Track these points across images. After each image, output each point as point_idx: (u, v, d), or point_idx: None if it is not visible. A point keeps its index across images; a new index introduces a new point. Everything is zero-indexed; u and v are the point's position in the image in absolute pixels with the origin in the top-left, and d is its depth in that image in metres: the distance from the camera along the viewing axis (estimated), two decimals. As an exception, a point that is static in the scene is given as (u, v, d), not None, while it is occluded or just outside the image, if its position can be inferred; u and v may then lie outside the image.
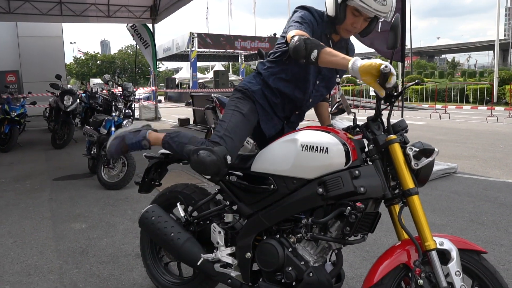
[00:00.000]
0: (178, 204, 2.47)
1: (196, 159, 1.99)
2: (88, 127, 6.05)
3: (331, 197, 1.81)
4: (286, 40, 2.04)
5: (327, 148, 1.83)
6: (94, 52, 66.68)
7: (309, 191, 1.87)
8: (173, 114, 18.02)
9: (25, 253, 3.32)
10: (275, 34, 27.56)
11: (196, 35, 24.58)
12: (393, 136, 1.78)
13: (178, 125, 13.43)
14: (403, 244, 1.76)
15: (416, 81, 1.96)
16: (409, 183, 1.74)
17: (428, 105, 20.04)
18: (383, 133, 1.84)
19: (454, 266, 1.62)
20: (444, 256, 1.65)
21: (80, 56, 63.09)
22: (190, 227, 2.37)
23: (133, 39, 16.22)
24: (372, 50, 6.39)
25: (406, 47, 6.58)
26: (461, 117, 14.85)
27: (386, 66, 1.59)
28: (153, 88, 16.22)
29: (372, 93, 20.55)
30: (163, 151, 2.50)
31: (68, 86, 12.24)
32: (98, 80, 47.45)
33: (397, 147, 1.77)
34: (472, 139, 9.16)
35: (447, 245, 1.66)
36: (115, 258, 3.15)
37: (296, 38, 1.86)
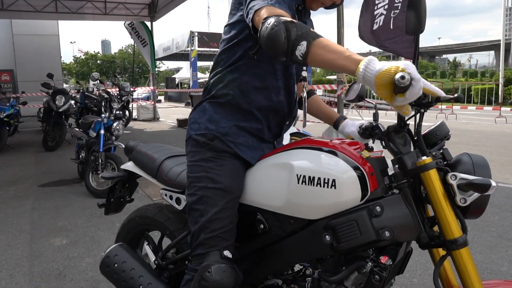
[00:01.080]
0: (145, 244, 2.02)
1: None
2: (76, 129, 5.65)
3: (344, 249, 1.31)
4: (249, 23, 1.37)
5: (333, 180, 1.30)
6: (94, 51, 66.31)
7: (313, 237, 1.36)
8: (172, 114, 17.59)
9: (-7, 275, 2.90)
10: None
11: (196, 34, 24.23)
12: (426, 160, 1.23)
13: (177, 125, 13.00)
14: None
15: (456, 95, 1.35)
16: (454, 230, 1.21)
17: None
18: (411, 150, 1.30)
19: None
20: None
21: (80, 56, 62.74)
22: (164, 273, 1.85)
23: (131, 38, 15.80)
24: (375, 50, 5.97)
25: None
26: (467, 117, 14.46)
27: (402, 77, 1.04)
28: (152, 88, 15.78)
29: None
30: (125, 167, 2.09)
31: (65, 85, 11.83)
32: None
33: (433, 176, 1.22)
34: (483, 141, 8.75)
35: None
36: (96, 283, 2.72)
37: (271, 21, 1.20)
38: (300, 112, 1.74)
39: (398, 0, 5.23)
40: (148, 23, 15.18)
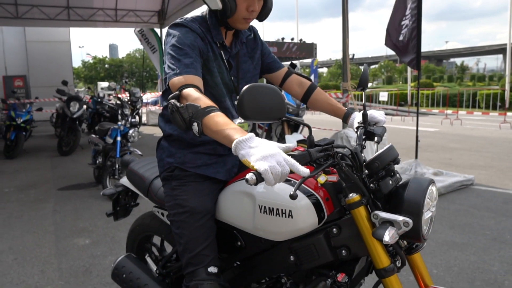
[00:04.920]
0: (146, 256, 2.28)
1: None
2: (93, 135, 5.93)
3: (306, 268, 1.48)
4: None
5: (290, 211, 1.41)
6: (102, 56, 67.02)
7: (281, 256, 1.53)
8: (180, 119, 17.88)
9: (26, 272, 3.18)
10: (283, 39, 27.46)
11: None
12: (355, 198, 1.33)
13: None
14: None
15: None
16: (383, 260, 1.32)
17: (438, 110, 19.79)
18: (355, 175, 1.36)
19: None
20: None
21: (88, 60, 63.41)
22: (166, 279, 2.08)
23: (141, 44, 16.15)
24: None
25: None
26: (473, 123, 14.59)
27: (250, 178, 1.09)
28: (160, 93, 16.14)
29: (381, 98, 20.35)
30: (123, 182, 2.32)
31: (76, 89, 12.13)
32: (106, 84, 47.70)
33: (360, 213, 1.33)
34: (486, 147, 8.92)
35: None
36: (119, 279, 2.99)
37: (170, 106, 1.34)
38: (305, 118, 1.94)
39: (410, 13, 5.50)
40: (158, 30, 15.52)
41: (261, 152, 1.11)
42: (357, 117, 1.78)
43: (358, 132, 1.65)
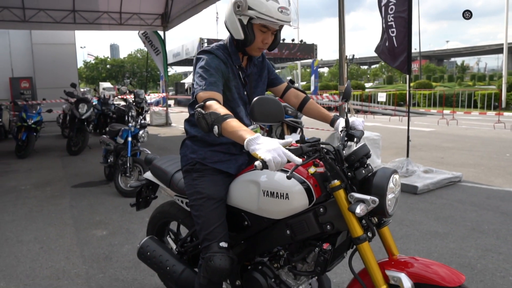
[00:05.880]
0: (167, 237, 2.70)
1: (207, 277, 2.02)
2: (104, 136, 6.31)
3: (299, 240, 1.87)
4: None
5: (287, 194, 1.80)
6: (103, 56, 67.48)
7: (279, 231, 1.92)
8: (182, 119, 18.21)
9: (52, 258, 3.57)
10: (284, 40, 27.74)
11: (205, 40, 24.88)
12: (336, 183, 1.72)
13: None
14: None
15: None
16: (357, 230, 1.71)
17: (436, 110, 20.12)
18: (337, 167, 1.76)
19: None
20: None
21: (90, 60, 63.81)
22: (184, 256, 2.52)
23: (145, 46, 16.53)
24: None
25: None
26: (469, 123, 14.95)
27: (258, 165, 1.48)
28: (164, 94, 16.53)
29: (380, 99, 20.72)
30: (146, 176, 2.72)
31: (81, 89, 12.46)
32: (107, 84, 48.13)
33: (340, 195, 1.72)
34: (478, 146, 9.29)
35: (404, 282, 1.65)
36: (137, 264, 3.38)
37: (196, 113, 1.71)
38: (305, 120, 2.35)
39: (391, 20, 5.87)
40: (161, 32, 15.92)
41: (266, 147, 1.51)
42: (341, 123, 2.21)
43: (341, 134, 2.08)
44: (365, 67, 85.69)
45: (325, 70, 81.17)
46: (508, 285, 2.94)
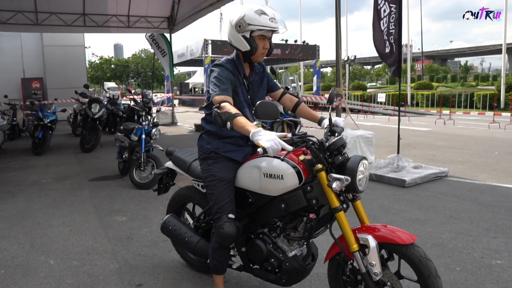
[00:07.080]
0: (186, 213, 3.27)
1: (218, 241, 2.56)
2: (119, 134, 6.85)
3: (291, 212, 2.39)
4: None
5: (282, 175, 2.32)
6: (108, 56, 68.10)
7: (276, 205, 2.44)
8: (188, 119, 18.84)
9: (81, 238, 4.11)
10: (286, 40, 28.23)
11: (210, 41, 25.38)
12: (319, 166, 2.23)
13: (195, 130, 14.24)
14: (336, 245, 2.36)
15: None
16: (334, 202, 2.22)
17: (436, 110, 20.58)
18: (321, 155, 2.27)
19: (368, 259, 2.17)
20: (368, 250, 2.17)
21: (95, 60, 64.42)
22: (199, 229, 3.06)
23: (151, 48, 17.09)
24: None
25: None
26: (466, 123, 15.41)
27: (260, 151, 2.03)
28: (170, 94, 17.10)
29: (379, 99, 21.18)
30: (168, 165, 3.27)
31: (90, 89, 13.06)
32: (112, 84, 48.69)
33: (322, 176, 2.23)
34: (470, 145, 9.77)
35: (370, 242, 2.15)
36: (155, 243, 3.92)
37: (214, 111, 2.21)
38: (304, 120, 2.86)
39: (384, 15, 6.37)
40: (167, 35, 16.46)
41: (266, 137, 2.05)
42: (326, 121, 2.73)
43: (325, 130, 2.60)
44: (368, 67, 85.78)
45: (328, 70, 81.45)
46: (472, 260, 3.46)
